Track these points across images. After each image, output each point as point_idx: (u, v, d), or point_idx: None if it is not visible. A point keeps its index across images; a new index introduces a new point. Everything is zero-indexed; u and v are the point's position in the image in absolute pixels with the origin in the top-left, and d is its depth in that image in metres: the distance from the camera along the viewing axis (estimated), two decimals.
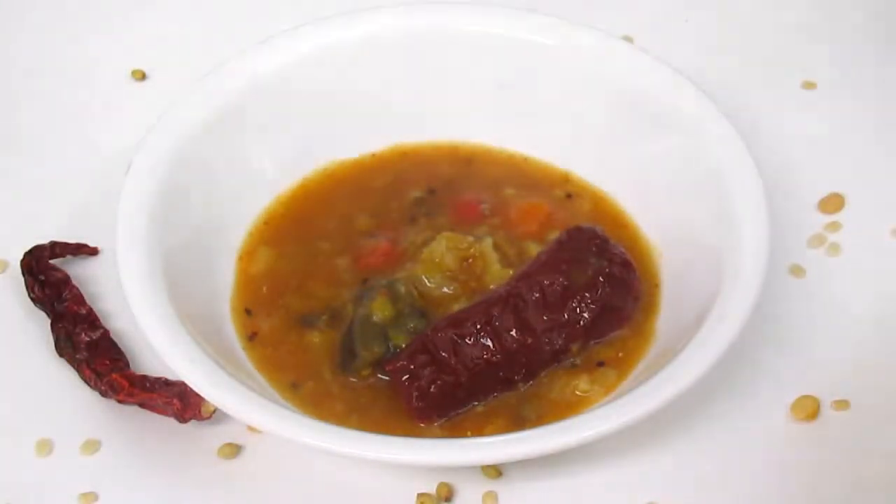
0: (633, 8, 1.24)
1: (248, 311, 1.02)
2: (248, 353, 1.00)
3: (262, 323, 1.01)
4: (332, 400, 0.98)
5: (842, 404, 1.00)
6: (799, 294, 1.06)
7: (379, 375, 0.98)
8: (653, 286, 1.03)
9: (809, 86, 1.19)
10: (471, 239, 1.02)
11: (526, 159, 1.11)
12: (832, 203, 1.11)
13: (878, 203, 1.11)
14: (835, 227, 1.10)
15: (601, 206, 1.08)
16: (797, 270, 1.07)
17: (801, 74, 1.20)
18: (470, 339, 0.97)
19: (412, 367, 0.96)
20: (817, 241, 1.09)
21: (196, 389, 0.93)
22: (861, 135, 1.15)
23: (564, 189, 1.09)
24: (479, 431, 0.96)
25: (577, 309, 0.98)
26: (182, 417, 0.98)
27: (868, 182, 1.12)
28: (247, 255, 1.05)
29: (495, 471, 0.97)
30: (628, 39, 1.19)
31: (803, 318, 1.04)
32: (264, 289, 1.03)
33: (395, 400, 0.97)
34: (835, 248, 1.08)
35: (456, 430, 0.96)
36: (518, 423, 0.96)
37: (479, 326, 0.97)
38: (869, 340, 1.03)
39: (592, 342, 0.99)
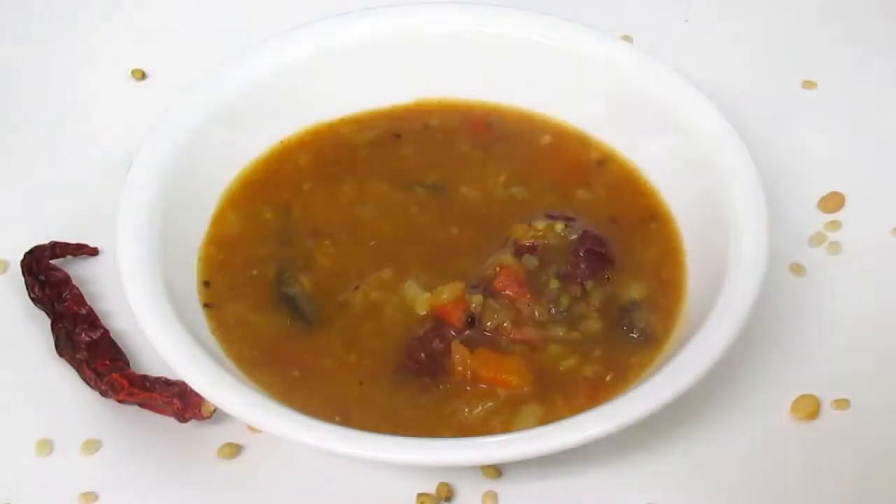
0: (633, 8, 1.24)
1: (206, 283, 1.02)
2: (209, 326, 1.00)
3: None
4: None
5: (842, 403, 1.00)
6: (799, 292, 1.06)
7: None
8: (678, 263, 1.03)
9: (809, 85, 1.19)
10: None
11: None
12: (832, 202, 1.11)
13: (879, 202, 1.11)
14: (835, 225, 1.10)
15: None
16: (797, 269, 1.07)
17: (801, 74, 1.20)
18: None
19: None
20: (817, 239, 1.09)
21: (196, 389, 0.93)
22: (861, 134, 1.15)
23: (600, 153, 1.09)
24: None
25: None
26: (182, 417, 0.98)
27: (868, 181, 1.12)
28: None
29: (495, 471, 0.97)
30: (628, 39, 1.20)
31: (803, 317, 1.04)
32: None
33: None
34: (835, 247, 1.08)
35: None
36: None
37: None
38: (869, 339, 1.03)
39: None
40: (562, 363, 0.98)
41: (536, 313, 0.99)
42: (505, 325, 0.99)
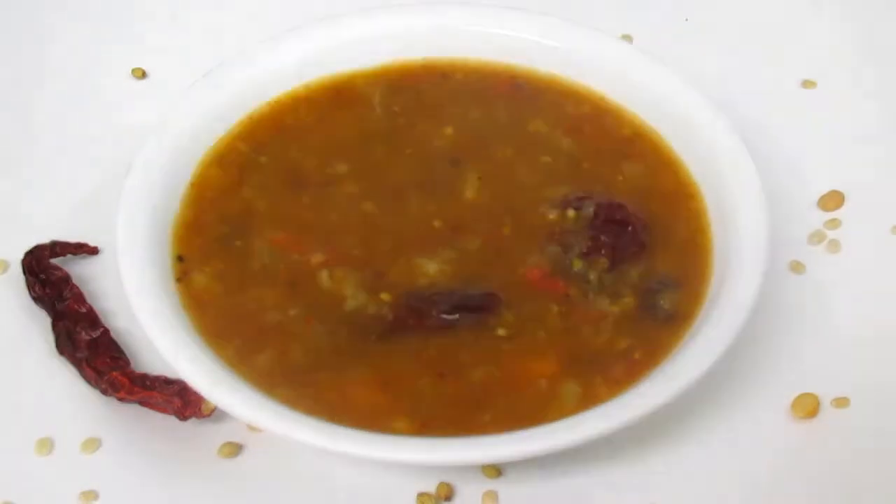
0: (633, 8, 1.24)
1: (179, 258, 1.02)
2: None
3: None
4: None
5: (842, 402, 1.00)
6: (799, 291, 1.06)
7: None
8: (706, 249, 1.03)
9: (809, 85, 1.19)
10: None
11: None
12: (832, 200, 1.11)
13: (878, 200, 1.11)
14: (835, 224, 1.10)
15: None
16: (797, 267, 1.07)
17: (801, 74, 1.20)
18: None
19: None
20: (817, 237, 1.09)
21: (196, 388, 0.93)
22: (861, 133, 1.16)
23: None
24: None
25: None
26: (182, 415, 0.98)
27: (868, 179, 1.12)
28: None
29: (495, 471, 0.97)
30: (628, 39, 1.20)
31: (803, 316, 1.04)
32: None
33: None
34: (835, 245, 1.09)
35: None
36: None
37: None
38: (869, 338, 1.03)
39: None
40: (594, 341, 0.97)
41: (571, 294, 0.99)
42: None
